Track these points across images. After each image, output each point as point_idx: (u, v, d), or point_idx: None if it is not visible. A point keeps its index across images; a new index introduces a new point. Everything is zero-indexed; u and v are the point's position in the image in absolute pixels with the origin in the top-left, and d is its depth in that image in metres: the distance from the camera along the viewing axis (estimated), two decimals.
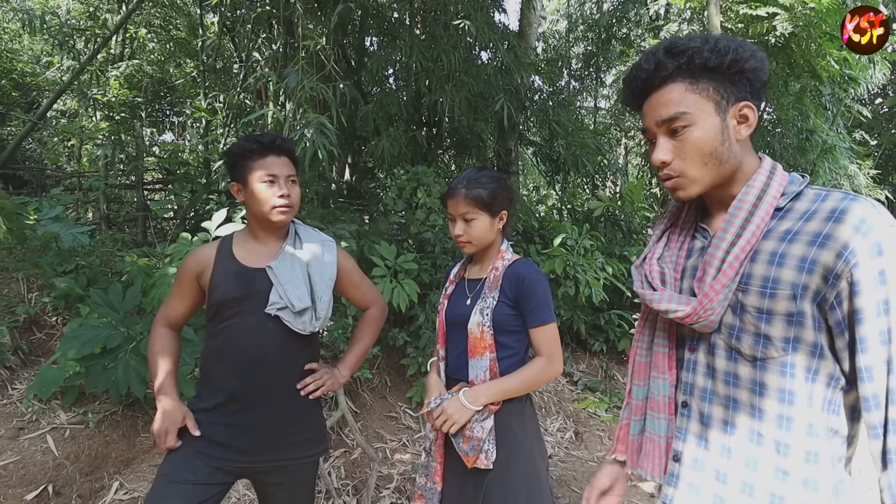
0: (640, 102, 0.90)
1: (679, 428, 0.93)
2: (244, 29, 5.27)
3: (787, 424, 0.80)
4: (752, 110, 0.85)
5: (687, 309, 0.86)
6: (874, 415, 0.75)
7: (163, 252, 3.48)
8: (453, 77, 4.38)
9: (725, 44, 0.82)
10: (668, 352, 0.95)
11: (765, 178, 0.86)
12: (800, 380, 0.80)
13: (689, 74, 0.84)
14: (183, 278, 1.44)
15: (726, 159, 0.85)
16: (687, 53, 0.82)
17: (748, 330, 0.83)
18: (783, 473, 0.80)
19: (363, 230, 3.90)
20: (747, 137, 0.86)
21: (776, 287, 0.80)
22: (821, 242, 0.77)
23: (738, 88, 0.84)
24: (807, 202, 0.83)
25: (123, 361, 2.18)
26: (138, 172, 5.29)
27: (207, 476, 1.33)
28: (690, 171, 0.86)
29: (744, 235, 0.84)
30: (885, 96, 8.34)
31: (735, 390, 0.85)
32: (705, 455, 0.89)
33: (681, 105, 0.84)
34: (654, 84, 0.86)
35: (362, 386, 3.50)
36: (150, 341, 1.46)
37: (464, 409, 1.33)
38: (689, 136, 0.84)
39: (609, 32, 7.74)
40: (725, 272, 0.84)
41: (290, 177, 1.42)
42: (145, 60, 6.61)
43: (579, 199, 6.08)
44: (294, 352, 1.42)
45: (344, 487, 2.70)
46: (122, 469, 2.43)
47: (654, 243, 1.00)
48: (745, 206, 0.85)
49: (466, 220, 1.43)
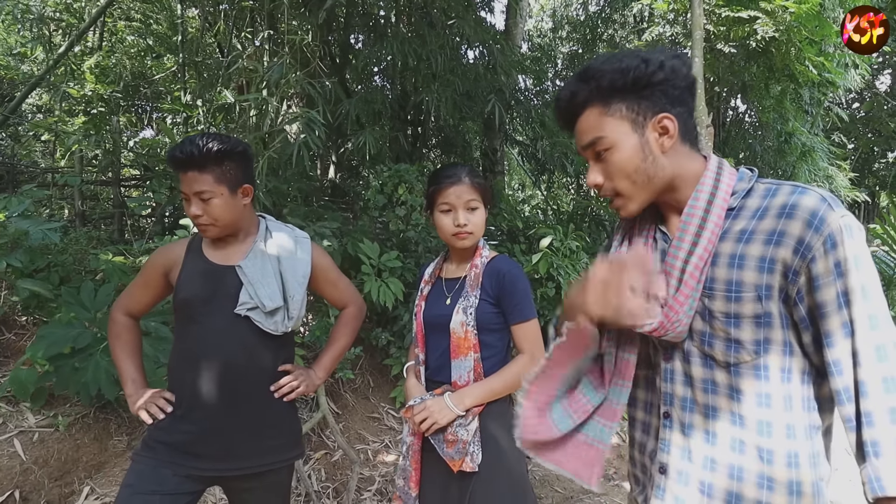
0: (571, 129, 0.92)
1: (662, 440, 0.91)
2: (226, 24, 5.17)
3: (767, 430, 0.80)
4: (672, 120, 0.84)
5: (654, 322, 0.83)
6: (847, 408, 0.75)
7: (140, 250, 3.39)
8: (439, 76, 4.35)
9: (628, 62, 0.82)
10: (635, 359, 0.93)
11: (712, 180, 0.85)
12: (775, 381, 0.80)
13: (601, 98, 0.85)
14: (149, 271, 1.39)
15: (653, 174, 0.85)
16: (595, 78, 0.84)
17: (719, 335, 0.82)
18: (769, 481, 0.79)
19: (346, 228, 3.85)
20: (676, 145, 0.86)
21: (740, 290, 0.80)
22: (776, 240, 0.77)
23: (651, 102, 0.84)
24: (757, 199, 0.83)
25: (94, 362, 2.10)
26: (115, 168, 5.16)
27: (176, 486, 1.27)
28: (622, 189, 0.87)
29: (700, 242, 0.83)
30: (862, 101, 8.53)
31: (714, 398, 0.84)
32: (689, 467, 0.87)
33: (598, 130, 0.85)
34: (575, 111, 0.89)
35: (344, 387, 3.45)
36: (112, 330, 1.41)
37: (447, 410, 1.31)
38: (610, 158, 0.85)
39: (594, 34, 7.78)
40: (687, 282, 0.83)
41: (201, 193, 1.27)
42: (124, 54, 6.45)
43: (564, 199, 6.09)
44: (266, 353, 1.37)
45: (324, 490, 2.66)
46: (93, 474, 2.35)
47: (617, 248, 0.98)
48: (697, 211, 0.84)
49: (470, 208, 1.39)
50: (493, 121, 4.89)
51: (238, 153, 1.32)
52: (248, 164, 1.38)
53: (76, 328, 2.13)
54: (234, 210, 1.34)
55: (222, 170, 1.30)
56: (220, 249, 1.39)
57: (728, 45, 5.33)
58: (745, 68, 5.49)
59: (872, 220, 11.76)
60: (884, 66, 7.89)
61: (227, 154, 1.29)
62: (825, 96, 6.49)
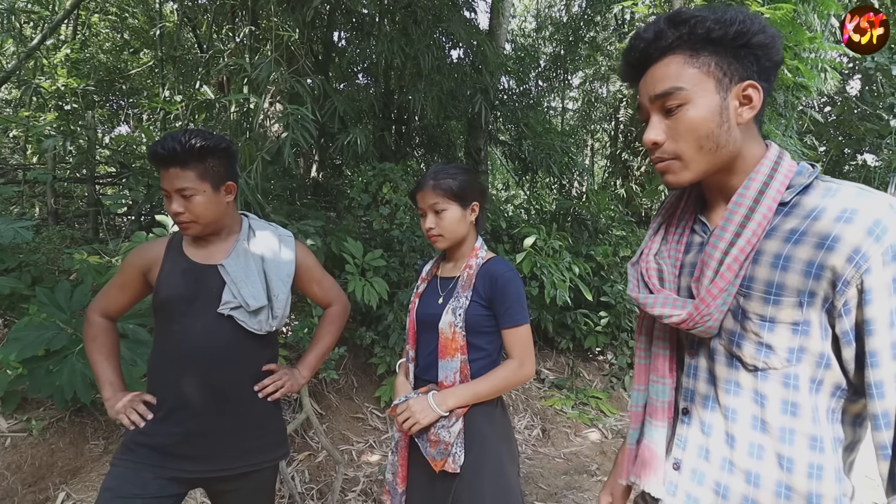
0: (637, 76, 0.83)
1: (679, 436, 0.87)
2: (206, 19, 5.08)
3: (790, 437, 0.75)
4: (758, 91, 0.76)
5: (682, 314, 0.79)
6: (883, 434, 0.70)
7: (115, 249, 3.31)
8: (425, 75, 4.34)
9: (732, 14, 0.74)
10: (669, 354, 0.88)
11: (769, 168, 0.78)
12: (804, 392, 0.74)
13: (690, 46, 0.76)
14: (127, 271, 1.36)
15: (724, 144, 0.77)
16: (689, 23, 0.75)
17: (749, 337, 0.77)
18: (787, 489, 0.75)
19: (329, 227, 3.81)
20: (751, 122, 0.79)
21: (780, 293, 0.73)
22: (829, 245, 0.70)
23: (742, 66, 0.76)
24: (815, 197, 0.75)
25: (69, 364, 2.04)
26: (90, 165, 5.02)
27: (158, 489, 1.24)
28: (684, 153, 0.78)
29: (744, 234, 0.76)
30: (833, 105, 8.78)
31: (736, 399, 0.79)
32: (706, 467, 0.83)
33: (678, 80, 0.76)
34: (653, 55, 0.79)
35: (328, 387, 3.42)
36: (88, 332, 1.37)
37: (429, 410, 1.30)
38: (684, 115, 0.76)
39: (576, 35, 7.85)
40: (724, 274, 0.77)
41: (183, 190, 1.25)
42: (98, 48, 6.29)
43: (547, 199, 6.14)
44: (250, 353, 1.35)
45: (308, 492, 2.63)
46: (68, 479, 2.29)
47: (651, 237, 0.92)
48: (746, 200, 0.77)
49: (436, 211, 1.39)
50: (477, 120, 4.90)
51: (222, 150, 1.30)
52: (231, 161, 1.35)
53: (51, 329, 2.07)
54: (217, 208, 1.31)
55: (205, 166, 1.27)
56: (202, 248, 1.36)
57: None
58: None
59: None
60: (854, 71, 8.14)
61: (210, 151, 1.27)
62: (799, 100, 6.66)
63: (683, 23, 0.75)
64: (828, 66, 6.39)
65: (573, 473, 3.10)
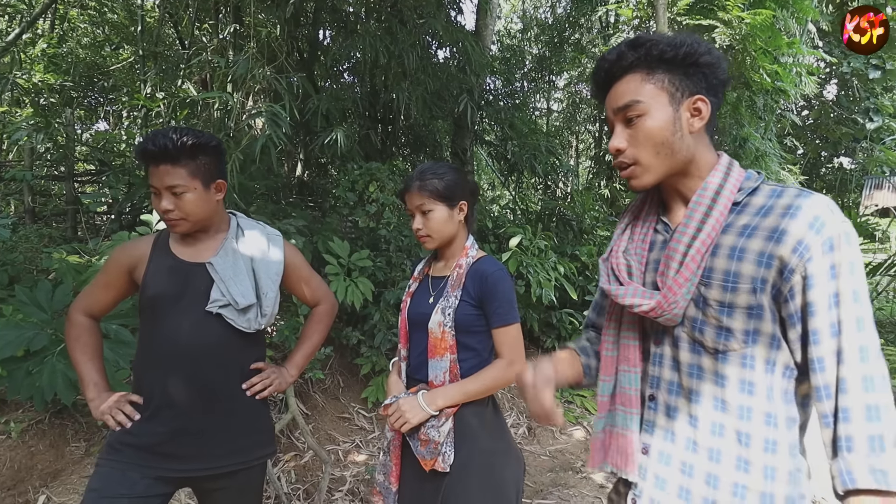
0: (604, 92, 0.93)
1: (647, 421, 0.95)
2: (188, 15, 5.01)
3: (747, 414, 0.83)
4: (706, 104, 0.87)
5: (651, 303, 0.87)
6: (826, 404, 0.78)
7: (95, 248, 3.24)
8: (410, 74, 4.34)
9: (682, 39, 0.85)
10: (637, 344, 0.96)
11: (723, 173, 0.88)
12: (759, 371, 0.83)
13: (646, 65, 0.87)
14: (111, 269, 1.34)
15: (678, 150, 0.88)
16: (646, 46, 0.86)
17: (710, 323, 0.85)
18: (745, 463, 0.83)
19: (315, 226, 3.79)
20: (702, 131, 0.89)
21: (737, 281, 0.83)
22: (777, 238, 0.80)
23: (692, 82, 0.87)
24: (763, 197, 0.86)
25: (50, 365, 2.00)
26: (68, 163, 4.92)
27: (145, 489, 1.23)
28: (643, 159, 0.89)
29: (704, 230, 0.86)
30: (811, 108, 8.99)
31: (698, 382, 0.87)
32: (672, 448, 0.90)
33: (636, 94, 0.87)
34: (616, 74, 0.90)
35: (314, 387, 3.40)
36: (71, 332, 1.34)
37: (419, 409, 1.31)
38: (642, 124, 0.87)
39: (562, 37, 7.92)
40: (688, 266, 0.86)
41: (174, 187, 1.24)
42: (76, 43, 6.16)
43: (532, 199, 6.17)
44: (238, 351, 1.34)
45: (294, 492, 2.62)
46: (49, 482, 2.24)
47: (619, 236, 1.01)
48: (704, 200, 0.87)
49: (423, 212, 1.39)
50: (463, 120, 4.91)
51: (212, 147, 1.30)
52: (221, 158, 1.35)
53: (30, 330, 2.02)
54: (207, 205, 1.31)
55: (196, 164, 1.26)
56: (190, 246, 1.35)
57: None
58: None
59: None
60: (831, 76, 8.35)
61: (201, 148, 1.26)
62: (777, 104, 6.80)
63: (641, 46, 0.87)
64: (805, 70, 6.54)
65: (559, 470, 3.13)
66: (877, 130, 10.79)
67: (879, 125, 10.37)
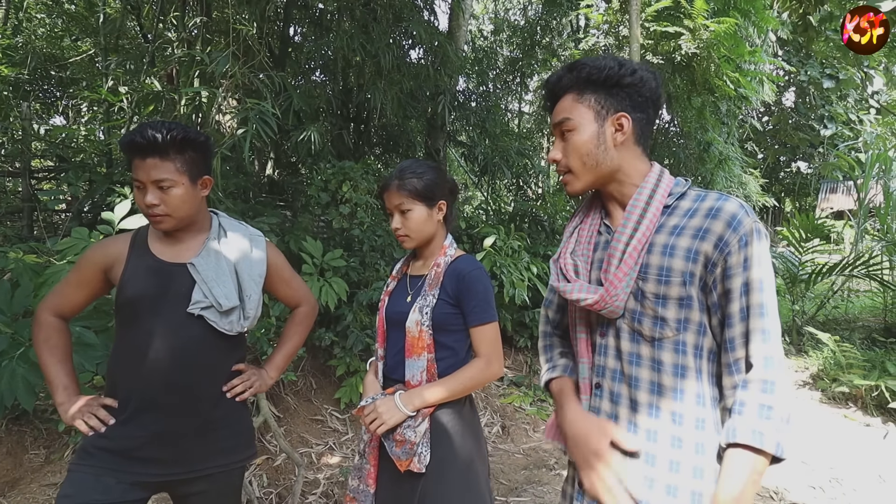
0: (552, 108, 1.06)
1: (594, 408, 1.04)
2: (152, 7, 4.84)
3: (680, 396, 0.93)
4: (627, 120, 0.98)
5: (595, 297, 0.97)
6: (734, 378, 0.91)
7: (53, 248, 3.11)
8: (384, 74, 4.31)
9: (607, 62, 0.97)
10: (586, 337, 1.07)
11: (654, 180, 1.00)
12: (690, 356, 0.94)
13: (578, 87, 1.00)
14: (85, 268, 1.29)
15: (602, 161, 0.99)
16: (577, 69, 0.99)
17: (648, 314, 0.96)
18: (678, 441, 0.92)
19: (287, 226, 3.72)
20: (629, 143, 1.00)
21: (669, 275, 0.93)
22: (702, 236, 0.92)
23: (616, 100, 0.98)
24: (689, 201, 0.98)
25: (9, 369, 1.91)
26: (24, 158, 4.69)
27: (121, 494, 1.19)
28: (574, 167, 1.01)
29: (640, 230, 0.96)
30: (770, 114, 9.36)
31: (637, 369, 0.97)
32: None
33: (568, 112, 1.00)
34: (557, 93, 1.03)
35: (286, 389, 3.35)
36: (39, 334, 1.29)
37: (396, 410, 1.30)
38: (572, 138, 1.00)
39: (533, 40, 8.01)
40: (626, 261, 0.96)
41: (161, 182, 1.21)
42: (32, 33, 5.88)
43: (505, 200, 6.23)
44: (219, 353, 1.31)
45: (267, 496, 2.57)
46: (6, 491, 2.14)
47: (567, 239, 1.11)
48: (640, 203, 0.98)
49: (402, 211, 1.39)
50: (436, 121, 4.92)
51: (201, 143, 1.27)
52: (209, 154, 1.32)
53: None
54: (193, 202, 1.28)
55: (184, 159, 1.23)
56: (170, 246, 1.31)
57: (656, 58, 5.67)
58: (670, 80, 5.86)
59: (780, 223, 12.96)
60: (789, 84, 8.71)
61: (190, 143, 1.24)
62: (740, 109, 7.06)
63: (574, 69, 1.00)
64: (766, 77, 6.80)
65: (532, 468, 3.17)
66: (831, 137, 11.33)
67: (833, 132, 10.89)
